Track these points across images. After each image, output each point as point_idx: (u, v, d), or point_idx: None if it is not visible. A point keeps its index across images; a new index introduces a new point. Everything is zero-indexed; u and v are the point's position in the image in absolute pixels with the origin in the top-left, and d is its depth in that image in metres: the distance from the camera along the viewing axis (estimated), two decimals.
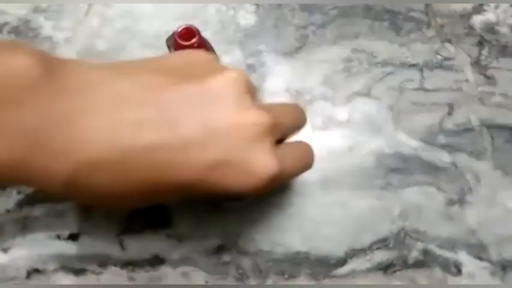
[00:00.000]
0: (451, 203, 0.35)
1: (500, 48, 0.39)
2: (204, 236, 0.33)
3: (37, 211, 0.33)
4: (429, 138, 0.36)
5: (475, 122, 0.37)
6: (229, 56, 0.38)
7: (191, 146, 0.22)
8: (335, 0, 0.40)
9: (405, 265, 0.33)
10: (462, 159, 0.36)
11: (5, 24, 0.37)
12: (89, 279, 0.32)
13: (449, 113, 0.37)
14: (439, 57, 0.39)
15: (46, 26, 0.37)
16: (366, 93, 0.37)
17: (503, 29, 0.40)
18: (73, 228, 0.33)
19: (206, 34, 0.34)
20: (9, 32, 0.37)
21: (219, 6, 0.39)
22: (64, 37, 0.37)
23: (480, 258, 0.34)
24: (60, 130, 0.21)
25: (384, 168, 0.35)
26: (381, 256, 0.33)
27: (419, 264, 0.33)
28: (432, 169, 0.36)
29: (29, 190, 0.33)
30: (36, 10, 0.37)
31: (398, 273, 0.33)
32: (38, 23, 0.37)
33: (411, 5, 0.40)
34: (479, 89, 0.38)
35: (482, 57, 0.39)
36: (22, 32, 0.37)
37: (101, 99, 0.21)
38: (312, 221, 0.34)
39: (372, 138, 0.36)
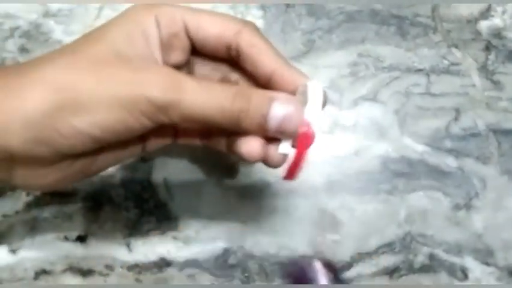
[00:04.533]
0: (457, 207, 0.35)
1: (507, 53, 0.39)
2: (210, 239, 0.34)
3: (46, 213, 0.33)
4: (435, 143, 0.36)
5: (481, 126, 0.37)
6: None
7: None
8: (341, 5, 0.40)
9: (411, 269, 0.33)
10: (468, 163, 0.36)
11: (16, 28, 0.37)
12: (96, 280, 0.32)
13: (456, 118, 0.37)
14: (446, 62, 0.39)
15: (57, 30, 0.38)
16: (373, 98, 0.37)
17: (510, 34, 0.40)
18: (81, 230, 0.33)
19: None
20: (20, 36, 0.37)
21: (226, 11, 0.39)
22: None
23: (486, 264, 0.33)
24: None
25: (390, 173, 0.35)
26: (387, 260, 0.33)
27: (425, 269, 0.33)
28: (438, 174, 0.35)
29: (37, 192, 0.33)
30: (47, 14, 0.38)
31: (404, 277, 0.33)
32: (48, 27, 0.38)
33: (417, 10, 0.40)
34: (486, 93, 0.38)
35: (489, 62, 0.39)
36: (33, 36, 0.37)
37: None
38: (318, 224, 0.34)
39: (378, 143, 0.36)
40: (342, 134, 0.36)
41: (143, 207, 0.34)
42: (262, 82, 0.25)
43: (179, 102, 0.21)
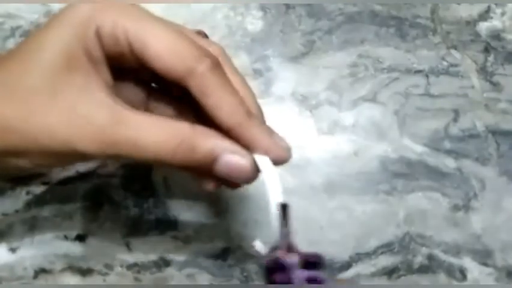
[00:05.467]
0: (456, 208, 0.35)
1: (506, 54, 0.39)
2: (209, 239, 0.34)
3: (45, 212, 0.33)
4: (434, 144, 0.36)
5: (480, 128, 0.37)
6: (236, 61, 0.38)
7: None
8: (341, 6, 0.40)
9: (410, 270, 0.33)
10: (467, 165, 0.36)
11: (17, 27, 0.37)
12: (95, 279, 0.32)
13: (455, 119, 0.37)
14: (445, 63, 0.39)
15: None
16: (372, 99, 0.38)
17: (510, 36, 0.40)
18: (80, 229, 0.33)
19: (214, 39, 0.35)
20: (21, 36, 0.37)
21: (226, 12, 0.40)
22: None
23: (485, 264, 0.34)
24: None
25: (389, 173, 0.35)
26: (385, 261, 0.33)
27: (423, 270, 0.33)
28: (437, 174, 0.36)
29: (37, 191, 0.34)
30: (48, 14, 0.38)
31: (402, 278, 0.33)
32: None
33: (417, 12, 0.40)
34: (485, 95, 0.38)
35: (488, 64, 0.39)
36: None
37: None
38: (317, 225, 0.34)
39: (377, 143, 0.36)
40: (342, 134, 0.37)
41: (142, 207, 0.34)
42: None
43: (117, 154, 0.21)
